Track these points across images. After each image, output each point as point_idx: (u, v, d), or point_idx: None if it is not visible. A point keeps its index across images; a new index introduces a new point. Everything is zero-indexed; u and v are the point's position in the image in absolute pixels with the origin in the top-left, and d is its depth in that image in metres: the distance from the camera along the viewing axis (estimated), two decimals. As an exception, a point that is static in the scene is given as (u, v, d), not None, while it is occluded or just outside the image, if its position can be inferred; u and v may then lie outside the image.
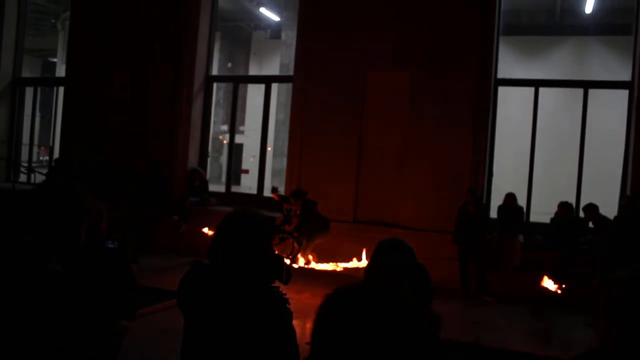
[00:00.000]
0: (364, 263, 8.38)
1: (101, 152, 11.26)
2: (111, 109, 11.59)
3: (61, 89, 12.98)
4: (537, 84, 10.15)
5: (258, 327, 2.15)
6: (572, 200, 8.92)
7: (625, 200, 8.63)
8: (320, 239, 9.23)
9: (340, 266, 9.05)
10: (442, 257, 8.47)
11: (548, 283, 7.85)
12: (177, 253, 9.88)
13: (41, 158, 24.97)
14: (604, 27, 19.31)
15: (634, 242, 7.33)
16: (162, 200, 10.46)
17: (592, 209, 8.36)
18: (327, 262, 9.18)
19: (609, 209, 8.82)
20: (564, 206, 8.50)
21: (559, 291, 7.78)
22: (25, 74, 14.03)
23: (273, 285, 2.37)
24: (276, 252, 2.51)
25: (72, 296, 1.96)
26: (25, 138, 14.00)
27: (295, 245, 9.12)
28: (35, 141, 18.97)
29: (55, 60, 25.68)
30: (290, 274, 2.51)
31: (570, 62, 20.08)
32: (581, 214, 8.60)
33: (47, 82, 15.25)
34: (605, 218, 8.33)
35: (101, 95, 11.64)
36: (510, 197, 9.01)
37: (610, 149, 11.48)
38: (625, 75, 9.81)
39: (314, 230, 9.18)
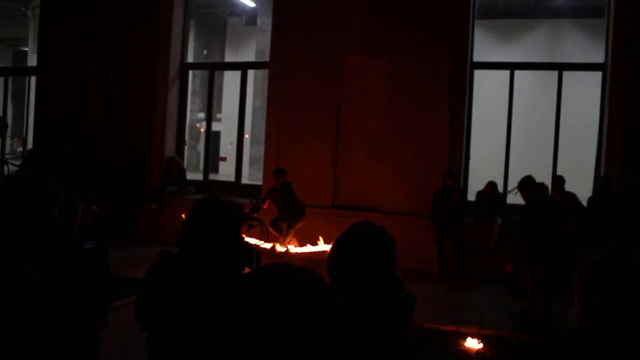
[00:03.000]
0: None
1: (76, 142, 11.11)
2: (85, 98, 11.42)
3: (33, 79, 12.75)
4: (512, 67, 10.23)
5: (229, 316, 2.14)
6: (548, 181, 9.01)
7: (599, 181, 8.76)
8: (300, 224, 9.28)
9: (310, 249, 9.09)
10: (426, 241, 8.56)
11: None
12: (156, 242, 9.81)
13: (15, 149, 24.59)
14: (577, 9, 19.45)
15: (606, 222, 7.46)
16: (141, 190, 10.38)
17: (557, 181, 8.46)
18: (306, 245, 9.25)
19: (585, 189, 8.95)
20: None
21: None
22: (-4, 63, 13.76)
23: (243, 272, 2.36)
24: (245, 239, 2.51)
25: (43, 299, 1.90)
26: (-2, 129, 13.75)
27: (271, 230, 9.15)
28: (8, 132, 18.64)
29: (26, 49, 25.20)
30: (260, 260, 2.50)
31: (545, 45, 20.23)
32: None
33: (18, 71, 14.96)
34: (572, 194, 8.42)
35: (74, 84, 11.46)
36: (491, 186, 9.11)
37: (585, 130, 11.62)
38: (598, 57, 9.92)
39: (295, 216, 9.22)
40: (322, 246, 8.87)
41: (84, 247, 2.68)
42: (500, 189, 9.44)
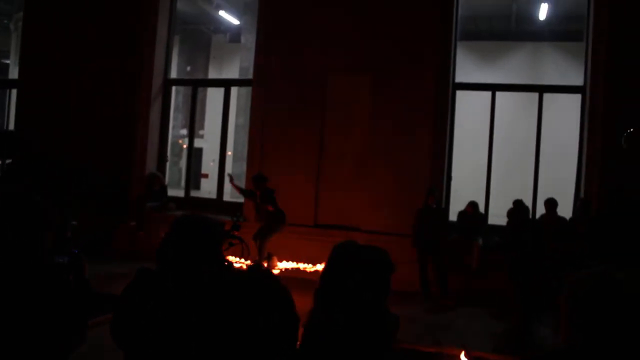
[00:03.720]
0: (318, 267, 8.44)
1: (57, 156, 10.97)
2: (67, 112, 11.31)
3: (14, 92, 12.61)
4: (494, 88, 10.33)
5: (221, 321, 2.11)
6: (529, 202, 9.08)
7: (579, 203, 8.84)
8: (275, 235, 9.17)
9: (302, 267, 9.04)
10: (408, 261, 8.51)
11: None
12: (136, 258, 9.69)
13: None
14: (557, 33, 19.78)
15: (586, 243, 7.52)
16: (121, 205, 10.26)
17: (550, 203, 8.55)
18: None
19: (565, 209, 9.03)
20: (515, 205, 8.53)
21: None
22: (-24, 76, 13.60)
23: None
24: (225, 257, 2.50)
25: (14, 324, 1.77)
26: (-24, 142, 13.55)
27: (253, 247, 9.09)
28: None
29: (7, 62, 24.97)
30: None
31: (525, 67, 20.52)
32: (537, 214, 8.77)
33: (-1, 84, 14.81)
34: (562, 218, 8.51)
35: (56, 98, 11.36)
36: (472, 206, 9.15)
37: (565, 150, 11.75)
38: (578, 80, 10.06)
39: (274, 223, 9.10)
40: (303, 265, 8.84)
41: (55, 261, 2.57)
42: (482, 209, 9.48)
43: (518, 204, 7.89)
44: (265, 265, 9.12)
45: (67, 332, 2.37)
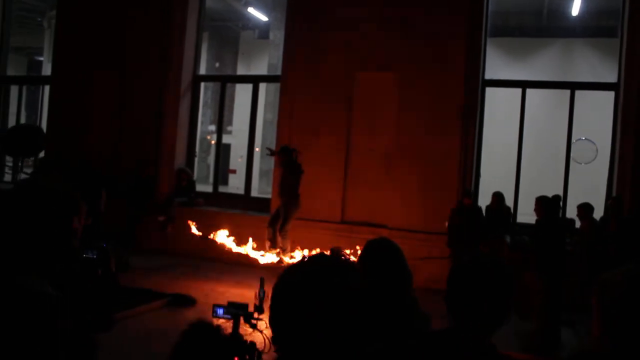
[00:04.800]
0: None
1: (87, 151, 11.15)
2: (98, 108, 11.49)
3: (47, 88, 12.85)
4: (524, 85, 10.19)
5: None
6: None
7: (610, 202, 8.67)
8: (293, 218, 9.12)
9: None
10: (440, 258, 8.46)
11: None
12: (164, 253, 9.83)
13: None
14: (590, 29, 19.46)
15: (618, 243, 7.36)
16: (146, 201, 10.36)
17: (585, 209, 8.30)
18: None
19: (596, 210, 8.86)
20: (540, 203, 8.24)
21: None
22: (11, 72, 13.90)
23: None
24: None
25: (56, 320, 1.67)
26: (10, 137, 13.82)
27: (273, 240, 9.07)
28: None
29: (41, 59, 25.44)
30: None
31: (557, 63, 20.21)
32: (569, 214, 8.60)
33: (32, 80, 15.10)
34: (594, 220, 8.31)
35: (87, 94, 11.53)
36: (496, 197, 8.96)
37: (598, 149, 11.55)
38: (611, 77, 9.88)
39: (290, 205, 9.05)
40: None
41: (84, 256, 2.62)
42: (511, 207, 9.33)
43: (553, 199, 7.70)
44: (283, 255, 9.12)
45: (94, 324, 2.39)
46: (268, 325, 1.40)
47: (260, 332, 3.18)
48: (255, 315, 3.35)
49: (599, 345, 1.67)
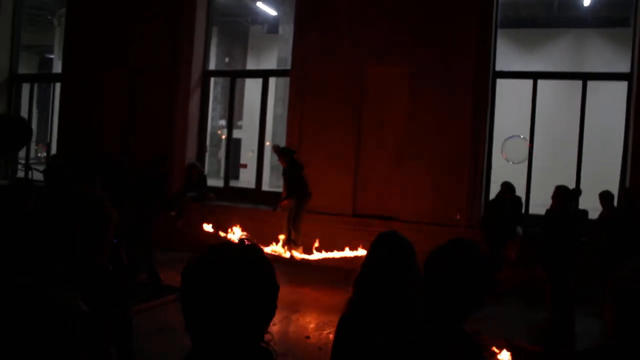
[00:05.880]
0: (360, 253, 8.34)
1: (99, 148, 11.21)
2: (108, 104, 11.54)
3: (58, 85, 12.93)
4: (535, 76, 10.12)
5: None
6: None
7: (623, 193, 8.60)
8: (304, 212, 9.20)
9: (336, 255, 8.96)
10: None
11: None
12: (175, 248, 9.86)
13: (39, 155, 24.90)
14: (602, 19, 19.28)
15: (630, 234, 7.30)
16: (160, 198, 10.38)
17: (606, 197, 8.20)
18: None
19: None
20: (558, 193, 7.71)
21: None
22: (22, 70, 13.97)
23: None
24: None
25: (92, 339, 1.63)
26: (23, 135, 13.89)
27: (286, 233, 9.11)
28: (33, 138, 18.89)
29: (52, 56, 25.57)
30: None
31: (568, 54, 20.05)
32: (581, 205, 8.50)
33: (44, 78, 15.19)
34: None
35: (98, 91, 11.59)
36: (505, 187, 8.65)
37: (609, 141, 11.45)
38: (623, 67, 9.78)
39: (299, 200, 9.15)
40: (346, 252, 8.82)
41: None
42: (523, 199, 9.25)
43: (573, 191, 7.63)
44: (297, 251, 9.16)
45: (109, 319, 2.37)
46: None
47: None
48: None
49: (611, 342, 1.65)
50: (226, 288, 1.39)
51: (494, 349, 5.18)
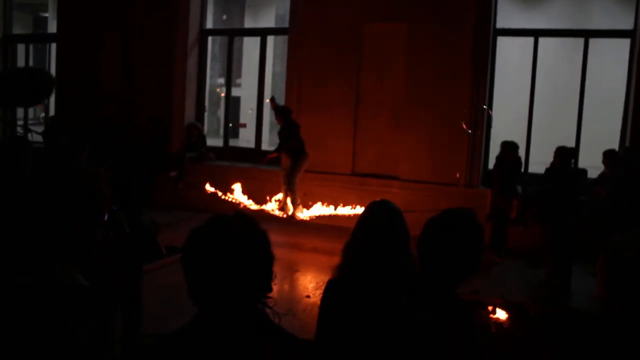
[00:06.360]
0: (359, 211, 8.38)
1: (97, 108, 11.15)
2: (105, 64, 11.43)
3: (54, 46, 12.76)
4: (536, 33, 9.99)
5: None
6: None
7: (622, 153, 8.59)
8: (300, 172, 9.19)
9: (336, 212, 8.99)
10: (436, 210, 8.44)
11: None
12: (176, 209, 9.91)
13: (38, 115, 24.71)
14: (605, -27, 18.90)
15: (631, 193, 7.32)
16: (160, 160, 10.37)
17: (609, 155, 8.18)
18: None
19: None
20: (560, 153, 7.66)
21: None
22: (17, 30, 13.76)
23: None
24: None
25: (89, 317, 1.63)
26: (20, 95, 13.77)
27: (284, 197, 9.12)
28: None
29: (46, 15, 25.14)
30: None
31: (570, 10, 19.71)
32: (581, 165, 8.51)
33: (39, 39, 14.98)
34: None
35: (95, 51, 11.46)
36: (505, 145, 8.50)
37: (611, 99, 11.37)
38: (627, 23, 9.65)
39: (296, 160, 9.13)
40: (339, 210, 8.87)
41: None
42: (523, 158, 9.21)
43: (570, 150, 7.62)
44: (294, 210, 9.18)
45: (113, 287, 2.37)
46: None
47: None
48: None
49: (602, 305, 1.68)
50: (225, 257, 1.51)
51: (490, 307, 5.26)
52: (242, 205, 9.28)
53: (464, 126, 8.57)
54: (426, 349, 1.89)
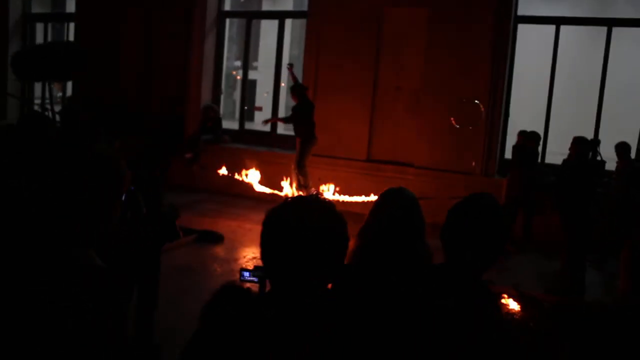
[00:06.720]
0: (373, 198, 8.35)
1: (115, 89, 11.19)
2: (123, 45, 11.45)
3: (72, 26, 12.79)
4: (558, 21, 9.85)
5: None
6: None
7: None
8: (309, 154, 9.15)
9: (350, 199, 8.95)
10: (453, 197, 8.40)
11: None
12: (191, 190, 9.96)
13: (55, 95, 24.82)
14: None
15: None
16: (177, 141, 10.40)
17: (621, 148, 8.02)
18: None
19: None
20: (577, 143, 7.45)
21: None
22: (35, 9, 13.81)
23: None
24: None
25: (112, 291, 1.68)
26: (38, 74, 13.85)
27: (294, 178, 9.09)
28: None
29: (65, -7, 25.21)
30: None
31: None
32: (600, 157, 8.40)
33: (57, 18, 15.03)
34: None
35: (113, 31, 11.47)
36: (521, 135, 8.44)
37: (633, 90, 11.22)
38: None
39: (305, 141, 9.08)
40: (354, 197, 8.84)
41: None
42: (540, 147, 9.11)
43: (590, 142, 7.53)
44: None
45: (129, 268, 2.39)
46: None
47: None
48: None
49: (625, 300, 1.66)
50: (304, 236, 1.53)
51: (504, 297, 5.24)
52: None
53: (453, 121, 8.34)
54: (448, 337, 1.88)
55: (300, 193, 9.14)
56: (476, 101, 8.24)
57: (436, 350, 1.85)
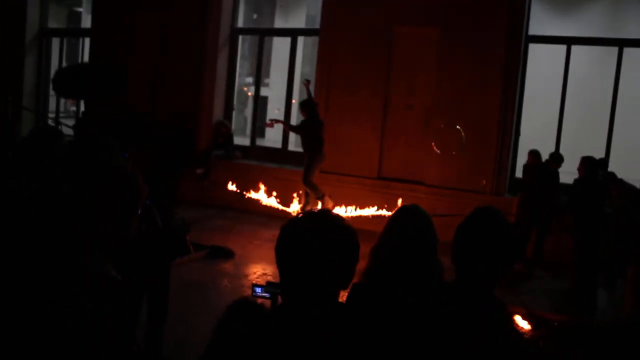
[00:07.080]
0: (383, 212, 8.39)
1: (126, 104, 11.28)
2: (137, 61, 11.55)
3: (87, 41, 12.96)
4: (569, 41, 9.87)
5: None
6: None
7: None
8: (317, 168, 9.16)
9: (361, 213, 8.92)
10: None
11: None
12: (202, 205, 10.00)
13: (68, 109, 25.05)
14: (642, -18, 18.59)
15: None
16: (188, 155, 10.45)
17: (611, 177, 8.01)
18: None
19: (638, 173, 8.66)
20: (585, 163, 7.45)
21: None
22: (52, 24, 14.01)
23: None
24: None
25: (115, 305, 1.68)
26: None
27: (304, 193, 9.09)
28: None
29: (80, 9, 25.52)
30: None
31: (605, 19, 19.43)
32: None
33: (73, 32, 15.24)
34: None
35: (126, 47, 11.60)
36: (532, 154, 8.60)
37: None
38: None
39: (313, 157, 9.09)
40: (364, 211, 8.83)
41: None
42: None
43: (598, 161, 7.53)
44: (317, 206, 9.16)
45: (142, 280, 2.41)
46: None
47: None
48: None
49: (630, 320, 1.68)
50: (317, 248, 1.57)
51: (514, 316, 5.21)
52: (261, 202, 9.28)
53: (434, 147, 8.32)
54: (460, 351, 1.88)
55: (319, 204, 9.15)
56: (457, 127, 8.26)
57: None
